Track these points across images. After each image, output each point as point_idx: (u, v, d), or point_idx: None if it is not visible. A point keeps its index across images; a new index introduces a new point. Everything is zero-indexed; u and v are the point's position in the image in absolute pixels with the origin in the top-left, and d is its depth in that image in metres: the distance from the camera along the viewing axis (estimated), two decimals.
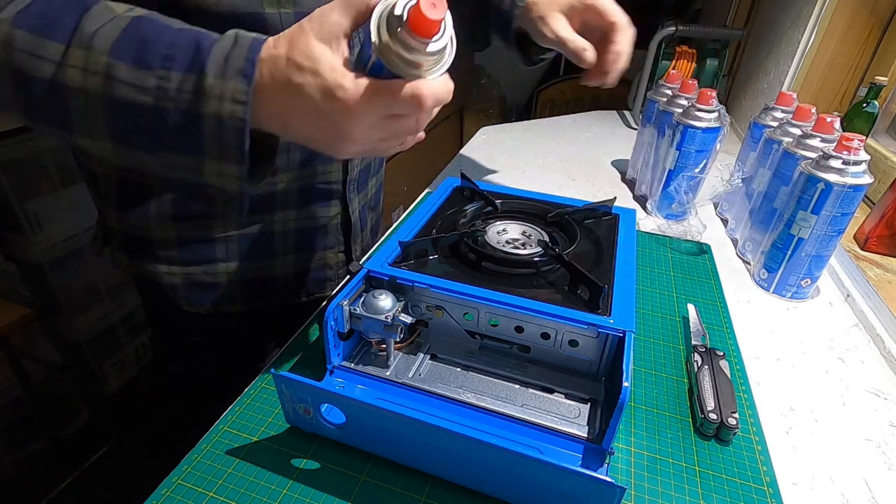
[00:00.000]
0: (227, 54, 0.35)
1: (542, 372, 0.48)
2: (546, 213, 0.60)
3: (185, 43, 0.36)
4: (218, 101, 0.35)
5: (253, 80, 0.35)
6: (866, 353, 0.60)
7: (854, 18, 1.04)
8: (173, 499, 0.39)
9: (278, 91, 0.35)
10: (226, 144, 0.36)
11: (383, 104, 0.34)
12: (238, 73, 0.35)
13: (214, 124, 0.35)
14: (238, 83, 0.35)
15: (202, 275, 0.61)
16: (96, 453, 1.44)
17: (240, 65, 0.35)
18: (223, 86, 0.35)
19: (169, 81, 0.35)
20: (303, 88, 0.34)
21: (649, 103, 0.93)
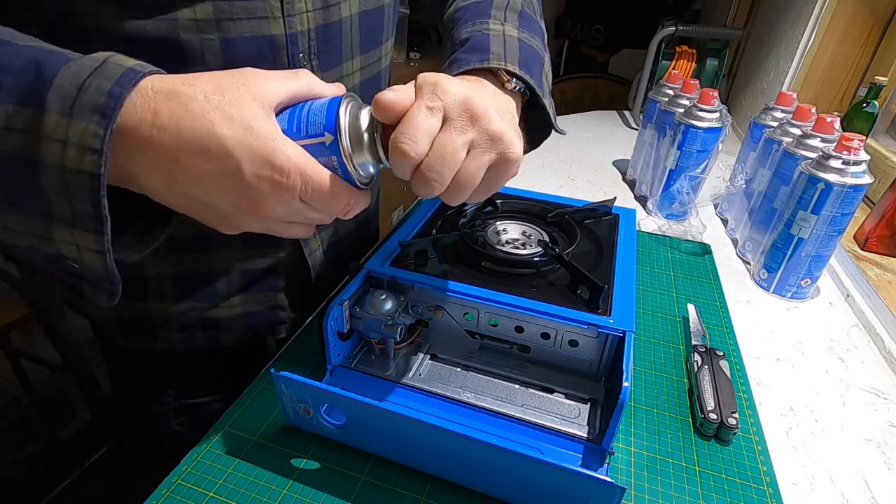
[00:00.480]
0: (83, 83, 0.26)
1: (542, 372, 0.48)
2: (546, 213, 0.60)
3: (23, 63, 0.26)
4: (60, 147, 0.26)
5: (114, 120, 0.26)
6: (866, 353, 0.60)
7: (854, 18, 1.04)
8: (173, 499, 0.39)
9: (182, 141, 0.27)
10: (77, 207, 0.27)
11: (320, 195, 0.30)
12: (92, 111, 0.26)
13: (57, 177, 0.26)
14: (90, 124, 0.26)
15: (135, 312, 0.53)
16: (96, 453, 1.44)
17: (97, 100, 0.26)
18: (70, 127, 0.26)
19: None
20: (225, 144, 0.27)
21: (650, 103, 0.93)
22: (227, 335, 0.58)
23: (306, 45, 0.45)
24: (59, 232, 0.28)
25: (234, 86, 0.28)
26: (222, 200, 0.30)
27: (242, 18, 0.40)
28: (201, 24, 0.39)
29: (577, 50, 2.73)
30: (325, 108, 0.31)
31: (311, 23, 0.44)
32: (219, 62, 0.41)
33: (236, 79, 0.29)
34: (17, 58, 0.27)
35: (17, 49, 0.27)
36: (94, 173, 0.26)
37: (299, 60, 0.45)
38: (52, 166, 0.26)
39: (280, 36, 0.43)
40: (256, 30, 0.41)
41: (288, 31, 0.43)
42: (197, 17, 0.38)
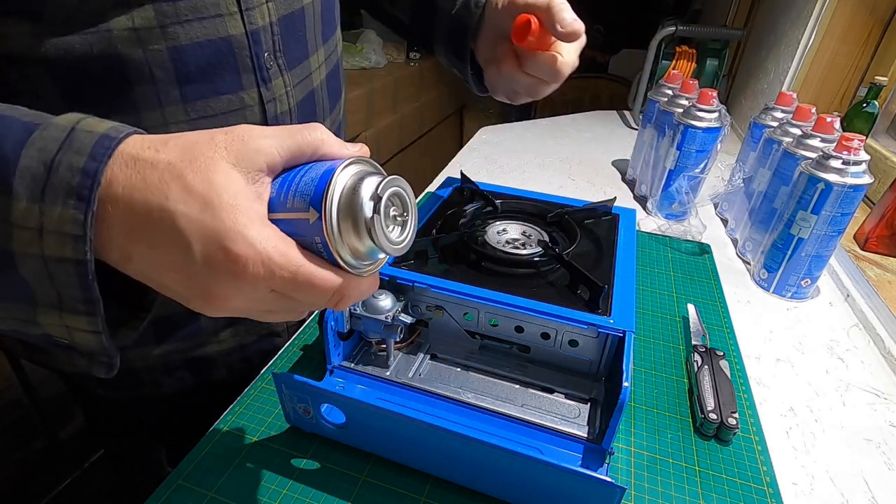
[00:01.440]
0: (52, 160, 0.22)
1: (542, 372, 0.48)
2: (546, 213, 0.60)
3: None
4: (35, 235, 0.23)
5: (93, 203, 0.22)
6: (866, 353, 0.60)
7: (854, 18, 1.04)
8: (173, 499, 0.39)
9: (132, 214, 0.23)
10: (63, 293, 0.24)
11: (290, 285, 0.24)
12: (67, 194, 0.22)
13: (37, 267, 0.23)
14: (68, 210, 0.22)
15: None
16: (96, 453, 1.44)
17: (71, 181, 0.22)
18: (43, 213, 0.22)
19: None
20: (176, 222, 0.23)
21: (650, 103, 0.93)
22: (220, 371, 0.54)
23: (270, 41, 0.40)
24: (45, 316, 0.25)
25: (212, 148, 0.24)
26: (176, 284, 0.25)
27: (192, 20, 0.35)
28: (142, 34, 0.33)
29: None
30: (319, 174, 0.25)
31: (272, 14, 0.39)
32: (170, 76, 0.35)
33: (219, 140, 0.24)
34: None
35: None
36: (80, 260, 0.23)
37: (264, 61, 0.40)
38: (30, 256, 0.23)
39: (240, 35, 0.37)
40: (211, 31, 0.36)
41: (248, 29, 0.38)
42: (135, 24, 0.32)
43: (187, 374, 0.52)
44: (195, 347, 0.50)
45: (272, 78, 0.42)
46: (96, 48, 0.32)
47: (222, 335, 0.51)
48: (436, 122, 2.54)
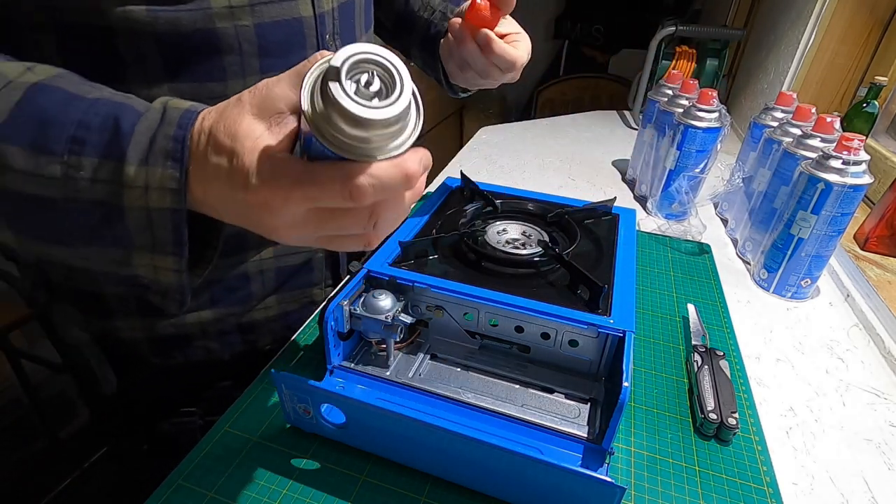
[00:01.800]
0: (154, 133, 0.29)
1: (542, 372, 0.48)
2: (546, 213, 0.60)
3: (101, 121, 0.29)
4: (142, 192, 0.29)
5: (185, 162, 0.29)
6: (866, 353, 0.60)
7: (854, 18, 1.04)
8: (173, 499, 0.39)
9: (198, 174, 0.29)
10: (158, 236, 0.30)
11: (303, 196, 0.26)
12: (166, 157, 0.28)
13: (141, 217, 0.29)
14: (167, 170, 0.28)
15: (168, 327, 0.52)
16: (96, 453, 1.44)
17: (167, 146, 0.28)
18: (148, 173, 0.28)
19: (79, 169, 0.28)
20: (217, 173, 0.28)
21: (650, 103, 0.93)
22: (265, 337, 0.58)
23: (331, 24, 0.47)
24: (139, 258, 0.31)
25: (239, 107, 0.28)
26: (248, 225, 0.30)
27: (274, 2, 0.41)
28: (235, 11, 0.39)
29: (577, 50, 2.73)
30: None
31: (333, 1, 0.46)
32: (254, 49, 0.41)
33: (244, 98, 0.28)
34: (96, 115, 0.29)
35: (91, 105, 0.29)
36: (177, 209, 0.29)
37: (327, 41, 0.47)
38: (137, 208, 0.29)
39: (309, 17, 0.44)
40: (287, 12, 0.42)
41: (317, 12, 0.44)
42: (231, 3, 0.39)
43: (237, 339, 0.56)
44: (244, 313, 0.55)
45: None
46: (199, 23, 0.38)
47: (268, 301, 0.56)
48: (436, 122, 2.54)
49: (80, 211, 0.29)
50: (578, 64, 2.69)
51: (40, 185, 0.29)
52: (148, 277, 0.32)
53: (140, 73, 0.38)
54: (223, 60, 0.40)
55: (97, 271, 0.33)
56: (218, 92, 0.41)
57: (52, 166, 0.28)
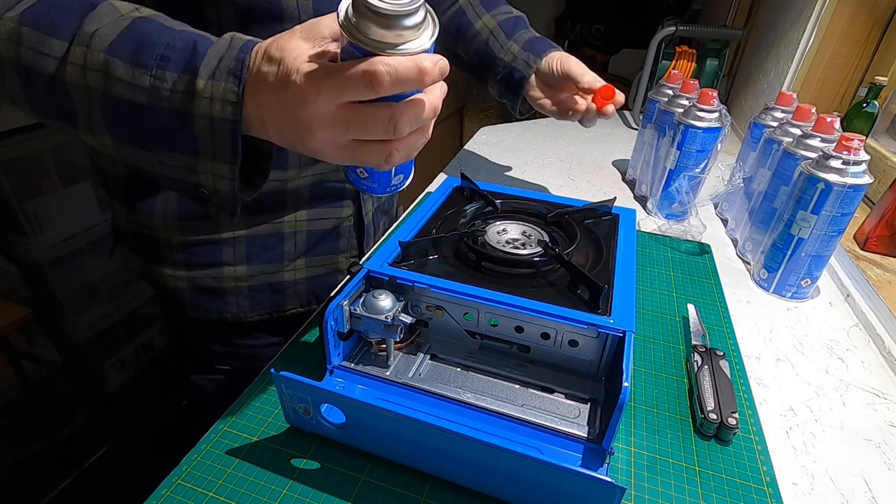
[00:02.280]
0: (222, 56, 0.35)
1: (542, 372, 0.48)
2: (546, 213, 0.60)
3: (183, 44, 0.35)
4: (209, 102, 0.34)
5: (243, 80, 0.34)
6: (866, 353, 0.60)
7: (854, 18, 1.04)
8: (173, 499, 0.39)
9: (252, 87, 0.34)
10: (218, 144, 0.36)
11: (332, 86, 0.31)
12: (228, 74, 0.34)
13: (206, 125, 0.35)
14: (228, 84, 0.34)
15: (207, 279, 0.59)
16: (96, 453, 1.44)
17: (230, 65, 0.34)
18: (213, 87, 0.34)
19: (163, 81, 0.35)
20: (266, 78, 0.33)
21: (650, 103, 0.93)
22: (292, 300, 0.64)
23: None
24: (203, 164, 0.37)
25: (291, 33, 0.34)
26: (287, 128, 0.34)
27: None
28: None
29: (577, 50, 2.73)
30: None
31: None
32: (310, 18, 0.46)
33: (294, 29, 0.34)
34: (180, 40, 0.35)
35: (178, 33, 0.36)
36: (234, 120, 0.34)
37: None
38: (203, 116, 0.35)
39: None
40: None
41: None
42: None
43: (266, 299, 0.62)
44: (275, 272, 0.61)
45: None
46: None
47: (298, 263, 0.62)
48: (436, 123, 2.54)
49: (162, 116, 0.35)
50: None
51: (134, 92, 0.35)
52: (208, 185, 0.38)
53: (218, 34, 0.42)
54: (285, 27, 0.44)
55: (172, 178, 0.39)
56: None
57: (144, 77, 0.35)
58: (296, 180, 0.57)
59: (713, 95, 0.77)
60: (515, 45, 0.76)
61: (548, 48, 0.74)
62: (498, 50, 0.76)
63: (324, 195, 0.60)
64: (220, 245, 0.58)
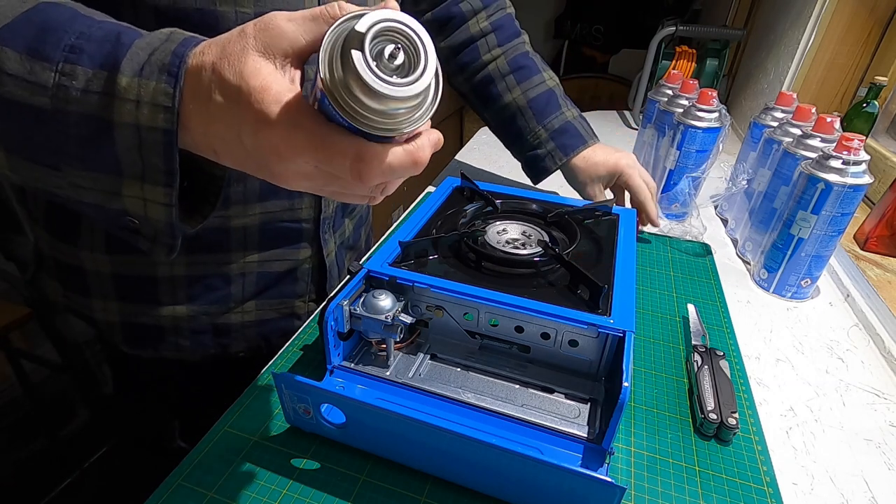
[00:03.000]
0: (154, 49, 0.28)
1: (542, 372, 0.48)
2: (546, 213, 0.60)
3: (103, 34, 0.28)
4: (134, 107, 0.27)
5: (181, 79, 0.27)
6: (866, 353, 0.60)
7: (854, 18, 1.04)
8: (173, 499, 0.39)
9: (199, 111, 0.27)
10: (148, 162, 0.29)
11: (314, 157, 0.26)
12: (161, 71, 0.27)
13: (131, 136, 0.28)
14: (161, 84, 0.27)
15: (142, 316, 0.51)
16: (96, 453, 1.44)
17: (164, 60, 0.27)
18: (141, 86, 0.27)
19: (72, 78, 0.27)
20: (223, 112, 0.26)
21: (650, 103, 0.93)
22: (239, 343, 0.56)
23: None
24: (128, 188, 0.29)
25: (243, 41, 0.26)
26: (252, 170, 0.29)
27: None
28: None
29: (577, 50, 2.73)
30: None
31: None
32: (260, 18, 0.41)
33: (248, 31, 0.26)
34: (99, 29, 0.28)
35: (98, 23, 0.29)
36: (168, 129, 0.27)
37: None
38: (126, 125, 0.28)
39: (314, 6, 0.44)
40: (291, 3, 0.41)
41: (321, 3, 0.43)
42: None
43: (209, 340, 0.54)
44: (220, 314, 0.53)
45: None
46: (199, 2, 0.38)
47: (247, 306, 0.54)
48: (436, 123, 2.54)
49: (71, 125, 0.28)
50: (578, 64, 2.69)
51: (32, 92, 0.27)
52: (137, 214, 0.30)
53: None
54: None
55: (88, 204, 0.31)
56: None
57: (46, 73, 0.27)
58: (241, 218, 0.49)
59: (713, 95, 0.77)
60: (544, 131, 0.75)
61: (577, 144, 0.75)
62: (524, 127, 0.75)
63: (276, 236, 0.52)
64: (155, 282, 0.50)
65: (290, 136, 0.26)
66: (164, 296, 0.51)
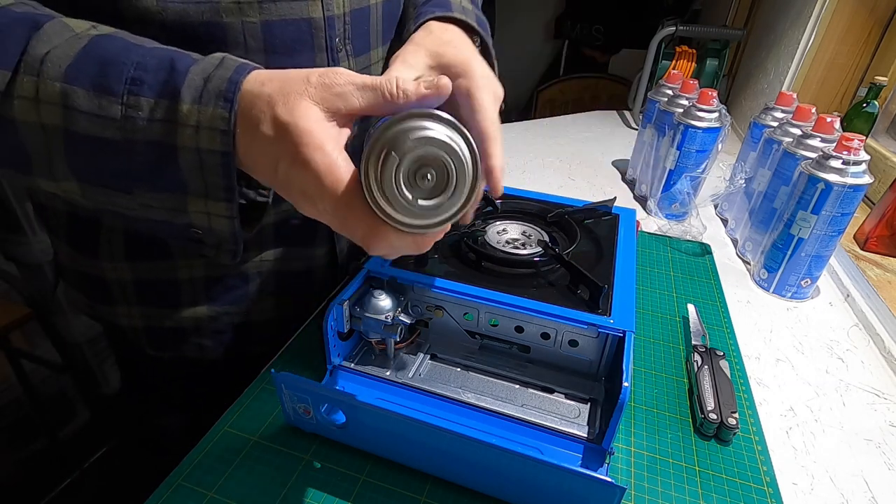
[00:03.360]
0: (209, 75, 0.30)
1: (542, 372, 0.48)
2: (546, 213, 0.60)
3: (157, 62, 0.30)
4: (194, 131, 0.29)
5: (236, 105, 0.29)
6: (866, 353, 0.60)
7: (854, 18, 1.04)
8: (173, 499, 0.39)
9: (245, 134, 0.30)
10: (209, 181, 0.31)
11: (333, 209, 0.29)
12: (218, 97, 0.29)
13: (193, 159, 0.30)
14: (218, 109, 0.29)
15: (165, 319, 0.53)
16: (96, 453, 1.44)
17: (220, 87, 0.29)
18: (200, 112, 0.29)
19: (137, 109, 0.29)
20: (267, 143, 0.29)
21: (650, 103, 0.93)
22: (259, 342, 0.57)
23: (342, 28, 0.46)
24: (193, 204, 0.32)
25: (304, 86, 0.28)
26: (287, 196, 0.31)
27: (283, 0, 0.41)
28: (243, 7, 0.39)
29: (577, 50, 2.73)
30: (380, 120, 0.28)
31: (346, 6, 0.45)
32: (259, 46, 0.41)
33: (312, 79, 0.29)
34: (153, 58, 0.30)
35: (149, 50, 0.31)
36: (225, 151, 0.30)
37: (336, 44, 0.46)
38: (188, 149, 0.30)
39: (318, 19, 0.43)
40: (297, 11, 0.42)
41: (326, 14, 0.43)
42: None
43: (230, 339, 0.56)
44: (240, 313, 0.55)
45: (340, 61, 0.47)
46: (206, 15, 0.38)
47: (265, 304, 0.56)
48: None
49: (139, 152, 0.30)
50: (578, 64, 2.69)
51: (103, 126, 0.30)
52: (202, 226, 0.33)
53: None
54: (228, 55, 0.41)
55: (156, 221, 0.33)
56: None
57: (113, 107, 0.29)
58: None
59: (713, 95, 0.77)
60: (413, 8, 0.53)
61: (432, 12, 0.46)
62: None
63: (292, 234, 0.53)
64: (176, 286, 0.51)
65: (318, 184, 0.28)
66: (185, 298, 0.52)
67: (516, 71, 2.80)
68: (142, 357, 0.56)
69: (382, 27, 0.52)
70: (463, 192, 0.28)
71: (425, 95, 0.29)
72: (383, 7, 0.51)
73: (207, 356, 0.56)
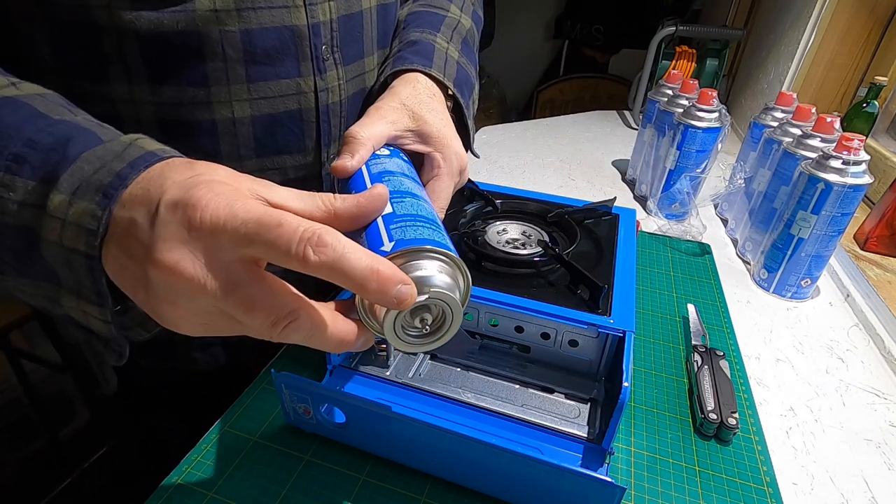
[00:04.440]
0: (103, 164, 0.26)
1: (542, 372, 0.48)
2: (546, 213, 0.60)
3: (52, 141, 0.27)
4: (59, 226, 0.25)
5: (115, 200, 0.25)
6: (866, 353, 0.60)
7: (854, 18, 1.04)
8: (173, 499, 0.39)
9: (116, 242, 0.25)
10: (79, 281, 0.27)
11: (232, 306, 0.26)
12: (96, 191, 0.25)
13: (59, 255, 0.26)
14: (89, 204, 0.25)
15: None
16: (96, 453, 1.44)
17: (104, 180, 0.25)
18: (72, 205, 0.25)
19: (10, 190, 0.26)
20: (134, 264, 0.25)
21: (650, 103, 0.93)
22: (250, 354, 0.55)
23: (329, 36, 0.44)
24: (66, 299, 0.28)
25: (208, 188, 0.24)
26: (141, 304, 0.27)
27: (263, 7, 0.39)
28: (221, 15, 0.37)
29: (577, 50, 2.73)
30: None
31: (333, 13, 0.43)
32: (239, 55, 0.39)
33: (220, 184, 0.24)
34: (49, 135, 0.27)
35: (50, 124, 0.27)
36: (90, 254, 0.25)
37: (322, 53, 0.44)
38: (52, 242, 0.26)
39: (302, 26, 0.41)
40: (278, 19, 0.40)
41: (310, 21, 0.42)
42: (216, 6, 0.37)
43: (220, 353, 0.55)
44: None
45: (327, 69, 0.45)
46: (181, 25, 0.36)
47: None
48: None
49: (7, 235, 0.27)
50: (578, 64, 2.69)
51: None
52: (80, 323, 0.29)
53: (122, 72, 0.37)
54: (206, 65, 0.38)
55: (36, 306, 0.30)
56: (200, 97, 0.39)
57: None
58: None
59: (713, 95, 0.77)
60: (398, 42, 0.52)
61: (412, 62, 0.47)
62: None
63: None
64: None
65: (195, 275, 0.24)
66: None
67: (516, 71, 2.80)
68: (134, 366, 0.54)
69: (377, 33, 0.50)
70: (454, 328, 0.28)
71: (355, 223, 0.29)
72: (378, 12, 0.49)
73: (200, 368, 0.55)
